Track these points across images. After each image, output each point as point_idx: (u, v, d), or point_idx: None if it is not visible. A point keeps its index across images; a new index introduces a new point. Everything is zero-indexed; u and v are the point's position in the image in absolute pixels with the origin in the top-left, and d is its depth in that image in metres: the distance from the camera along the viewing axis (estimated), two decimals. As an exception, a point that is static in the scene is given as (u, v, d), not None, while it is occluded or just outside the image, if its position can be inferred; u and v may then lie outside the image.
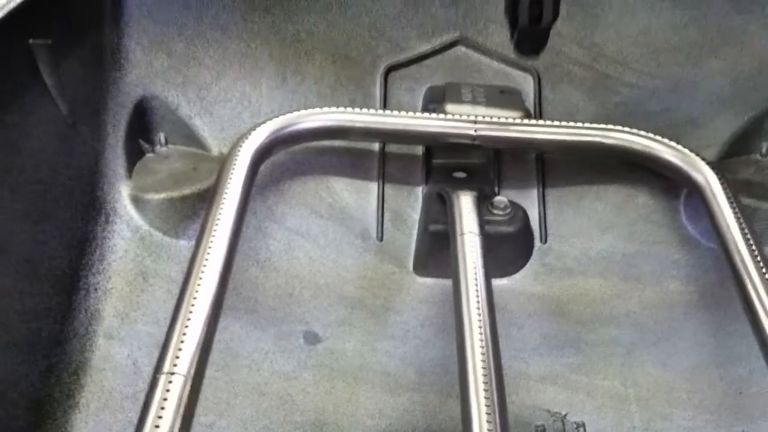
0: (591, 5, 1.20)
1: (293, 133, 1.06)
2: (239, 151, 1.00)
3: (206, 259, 0.86)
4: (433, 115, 1.09)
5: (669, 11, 1.20)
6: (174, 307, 0.82)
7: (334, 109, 1.08)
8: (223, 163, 1.00)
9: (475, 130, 1.06)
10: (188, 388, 0.73)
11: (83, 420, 0.87)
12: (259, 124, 1.05)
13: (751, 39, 1.16)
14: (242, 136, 1.03)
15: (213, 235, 0.89)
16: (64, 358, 0.91)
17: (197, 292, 0.82)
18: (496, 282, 1.04)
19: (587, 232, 1.11)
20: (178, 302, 0.82)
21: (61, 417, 0.87)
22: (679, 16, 1.20)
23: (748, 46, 1.16)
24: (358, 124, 1.07)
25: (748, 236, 0.92)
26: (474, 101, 1.11)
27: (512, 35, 1.04)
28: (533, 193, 1.13)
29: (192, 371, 0.74)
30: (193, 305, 0.81)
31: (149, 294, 0.99)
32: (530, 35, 1.04)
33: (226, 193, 0.95)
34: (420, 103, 1.19)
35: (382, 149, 1.14)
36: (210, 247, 0.87)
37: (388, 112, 1.11)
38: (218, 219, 0.91)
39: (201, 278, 0.84)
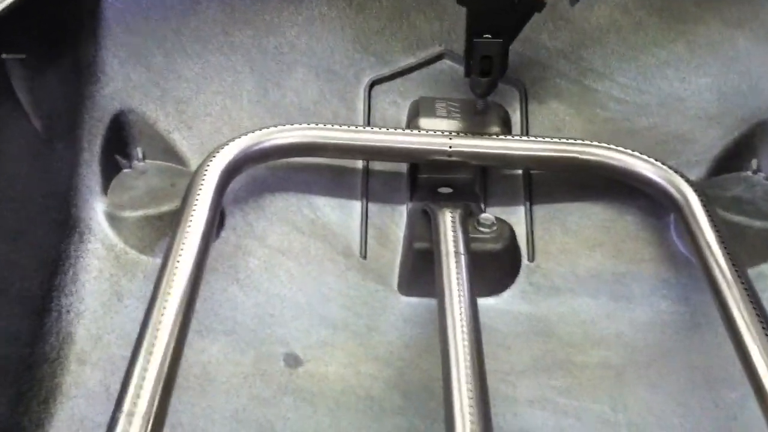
0: (578, 20, 1.21)
1: (264, 150, 1.06)
2: (207, 168, 1.00)
3: (172, 281, 0.86)
4: (407, 131, 1.10)
5: (656, 26, 1.21)
6: (137, 336, 0.81)
7: (305, 125, 1.09)
8: (191, 181, 1.00)
9: (450, 146, 1.07)
10: (150, 426, 0.72)
11: None
12: (228, 141, 1.05)
13: (739, 54, 1.17)
14: (211, 153, 1.03)
15: (179, 256, 0.89)
16: (34, 385, 0.89)
17: (162, 317, 0.81)
18: (483, 301, 1.03)
19: (575, 250, 1.11)
20: (141, 329, 0.81)
21: None
22: (666, 31, 1.21)
23: (736, 61, 1.17)
24: (331, 141, 1.08)
25: (730, 256, 0.92)
26: (449, 116, 1.12)
27: (467, 75, 1.09)
28: (520, 210, 1.13)
29: (154, 408, 0.73)
30: (156, 334, 0.80)
31: (124, 315, 0.99)
32: (481, 84, 1.08)
33: (192, 212, 0.95)
34: (405, 117, 1.18)
35: (366, 165, 1.14)
36: (176, 269, 0.87)
37: (361, 128, 1.12)
38: (184, 239, 0.91)
39: (166, 302, 0.84)
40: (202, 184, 0.98)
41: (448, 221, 1.03)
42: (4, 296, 0.89)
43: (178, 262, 0.88)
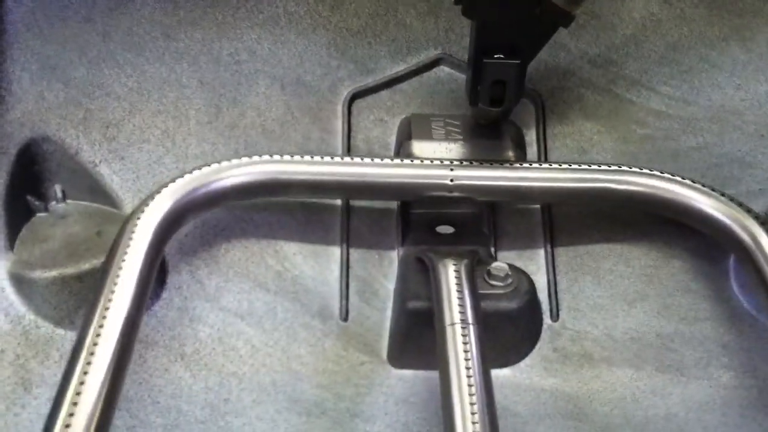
0: (606, 14, 1.14)
1: (215, 192, 0.95)
2: (140, 218, 0.90)
3: (89, 364, 0.75)
4: (397, 161, 1.00)
5: (705, 21, 1.15)
6: None
7: (268, 158, 0.98)
8: (118, 232, 0.89)
9: (451, 179, 0.97)
10: None
11: None
12: (168, 182, 0.93)
13: None
14: (144, 199, 0.92)
15: (100, 329, 0.80)
16: None
17: (73, 415, 0.70)
18: (497, 373, 0.93)
19: (610, 306, 1.01)
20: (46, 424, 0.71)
21: None
22: (717, 26, 1.14)
23: None
24: (302, 177, 0.97)
25: None
26: (448, 138, 1.02)
27: (472, 104, 0.99)
28: (539, 255, 1.04)
29: None
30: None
31: (33, 410, 0.86)
32: (491, 115, 0.99)
33: (119, 271, 0.85)
34: (393, 139, 1.08)
35: (346, 201, 1.03)
36: (95, 346, 0.78)
37: (338, 159, 1.02)
38: (107, 306, 0.81)
39: (79, 394, 0.73)
40: (131, 239, 0.85)
41: (451, 273, 0.92)
42: None
43: (98, 336, 0.79)
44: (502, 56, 0.96)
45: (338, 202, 1.07)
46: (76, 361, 0.77)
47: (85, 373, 0.76)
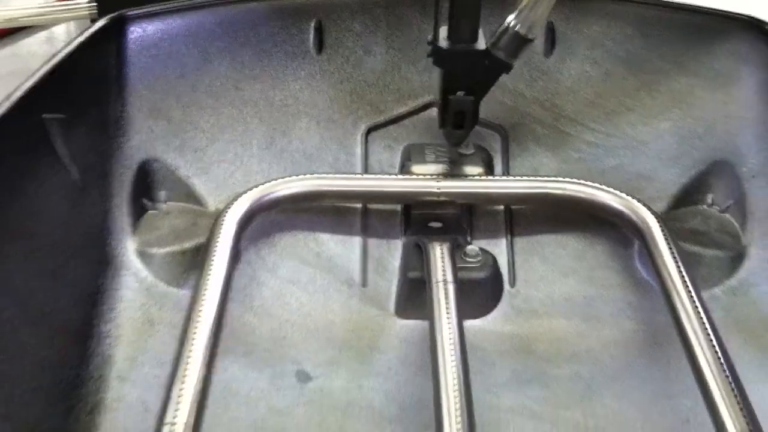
0: (552, 71, 1.26)
1: (273, 200, 1.12)
2: (224, 219, 1.07)
3: (201, 308, 0.93)
4: (400, 176, 1.17)
5: (622, 77, 1.25)
6: (174, 358, 0.89)
7: (309, 175, 1.14)
8: (212, 227, 1.07)
9: (438, 188, 1.13)
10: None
11: None
12: (242, 193, 1.11)
13: (696, 101, 1.23)
14: (227, 205, 1.10)
15: (206, 287, 0.96)
16: (81, 400, 0.96)
17: (195, 337, 0.89)
18: (469, 323, 1.07)
19: (551, 277, 1.15)
20: (177, 353, 0.89)
21: None
22: (631, 81, 1.24)
23: (693, 107, 1.22)
24: (333, 189, 1.14)
25: (685, 278, 0.98)
26: (437, 160, 1.18)
27: (441, 127, 1.13)
28: (502, 242, 1.18)
29: (192, 419, 0.81)
30: (190, 355, 0.87)
31: (156, 339, 1.04)
32: (455, 135, 1.13)
33: (215, 254, 1.02)
34: (398, 160, 1.25)
35: (364, 205, 1.19)
36: (204, 298, 0.95)
37: (359, 175, 1.18)
38: (210, 273, 0.99)
39: (198, 325, 0.91)
40: (220, 232, 1.05)
41: (438, 253, 1.08)
42: (50, 326, 0.96)
43: (205, 295, 0.95)
44: (462, 93, 1.07)
45: (359, 205, 1.19)
46: (196, 305, 0.93)
47: (199, 318, 0.92)
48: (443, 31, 1.06)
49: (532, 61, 1.25)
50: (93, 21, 1.73)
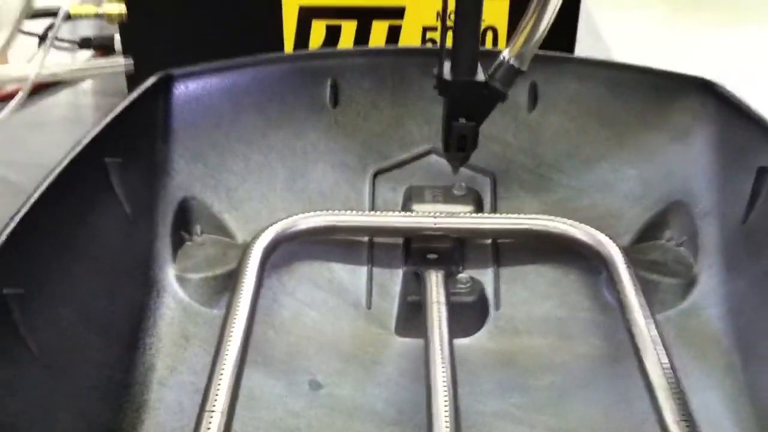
0: (534, 125, 1.37)
1: (294, 233, 1.23)
2: (252, 249, 1.18)
3: (233, 326, 1.05)
4: (403, 213, 1.29)
5: (595, 130, 1.34)
6: (211, 362, 1.01)
7: (324, 212, 1.25)
8: (241, 257, 1.18)
9: (435, 224, 1.25)
10: (224, 421, 0.93)
11: None
12: (266, 228, 1.22)
13: (657, 150, 1.34)
14: (254, 237, 1.21)
15: (237, 309, 1.08)
16: (129, 399, 1.09)
17: (228, 350, 1.02)
18: (459, 341, 1.15)
19: (531, 301, 1.24)
20: (214, 358, 1.01)
21: None
22: (603, 133, 1.33)
23: (655, 156, 1.33)
24: (344, 224, 1.25)
25: (642, 302, 1.09)
26: (434, 200, 1.30)
27: (445, 151, 1.22)
28: (489, 271, 1.27)
29: (226, 409, 0.94)
30: (225, 360, 1.00)
31: (190, 352, 1.16)
32: (458, 157, 1.22)
33: (244, 280, 1.13)
34: (401, 200, 1.36)
35: (371, 239, 1.30)
36: (235, 317, 1.07)
37: (367, 213, 1.28)
38: (240, 298, 1.10)
39: (230, 339, 1.03)
40: (248, 260, 1.16)
41: (433, 280, 1.16)
42: (105, 335, 1.08)
43: (236, 314, 1.04)
44: (464, 119, 1.14)
45: (366, 238, 1.27)
46: (228, 322, 1.02)
47: (231, 334, 1.01)
48: (447, 65, 1.13)
49: (518, 116, 1.34)
50: (128, 76, 1.89)
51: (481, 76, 1.13)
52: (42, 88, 1.96)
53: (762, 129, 1.17)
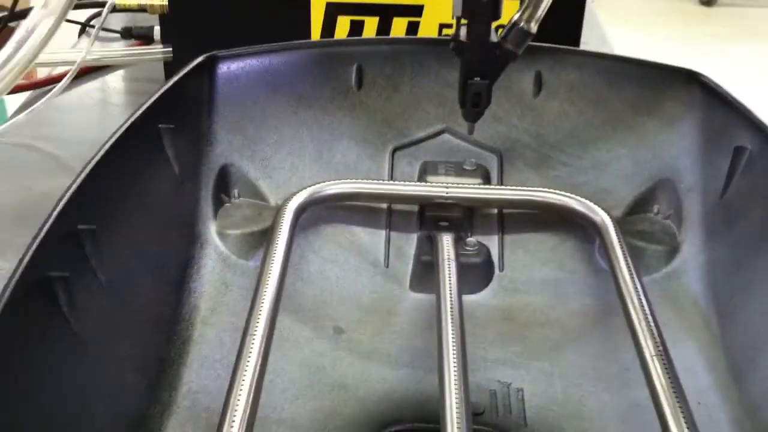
0: (538, 108, 1.46)
1: (321, 197, 1.33)
2: (284, 210, 1.28)
3: (268, 276, 1.15)
4: (418, 183, 1.38)
5: (592, 114, 1.44)
6: (249, 306, 1.12)
7: (348, 180, 1.34)
8: (275, 216, 1.28)
9: (447, 193, 1.34)
10: (260, 357, 1.04)
11: (191, 370, 1.17)
12: (297, 192, 1.32)
13: (647, 133, 1.43)
14: (286, 200, 1.30)
15: (271, 262, 1.18)
16: (176, 334, 1.20)
17: (264, 297, 1.11)
18: (467, 297, 1.20)
19: (531, 265, 1.28)
20: (252, 302, 1.12)
21: (177, 367, 1.17)
22: (599, 117, 1.38)
23: (645, 138, 1.42)
24: (366, 191, 1.35)
25: (630, 267, 1.18)
26: (447, 173, 1.40)
27: (462, 107, 1.27)
28: (495, 237, 1.36)
29: (262, 348, 1.04)
30: (261, 305, 1.10)
31: (229, 296, 1.26)
32: (472, 113, 1.28)
33: (278, 237, 1.22)
34: (417, 173, 1.45)
35: (389, 206, 1.38)
36: (270, 268, 1.16)
37: (388, 182, 1.37)
38: (274, 253, 1.20)
39: (266, 288, 1.12)
40: (281, 219, 1.26)
41: (445, 243, 1.22)
42: (158, 277, 1.18)
43: (271, 266, 1.10)
44: (478, 78, 1.19)
45: (385, 205, 1.32)
46: (264, 274, 1.09)
47: (266, 284, 1.07)
48: (463, 30, 1.18)
49: (524, 100, 1.40)
50: (166, 63, 2.04)
51: (494, 37, 1.17)
52: (83, 73, 2.07)
53: (738, 113, 1.26)
